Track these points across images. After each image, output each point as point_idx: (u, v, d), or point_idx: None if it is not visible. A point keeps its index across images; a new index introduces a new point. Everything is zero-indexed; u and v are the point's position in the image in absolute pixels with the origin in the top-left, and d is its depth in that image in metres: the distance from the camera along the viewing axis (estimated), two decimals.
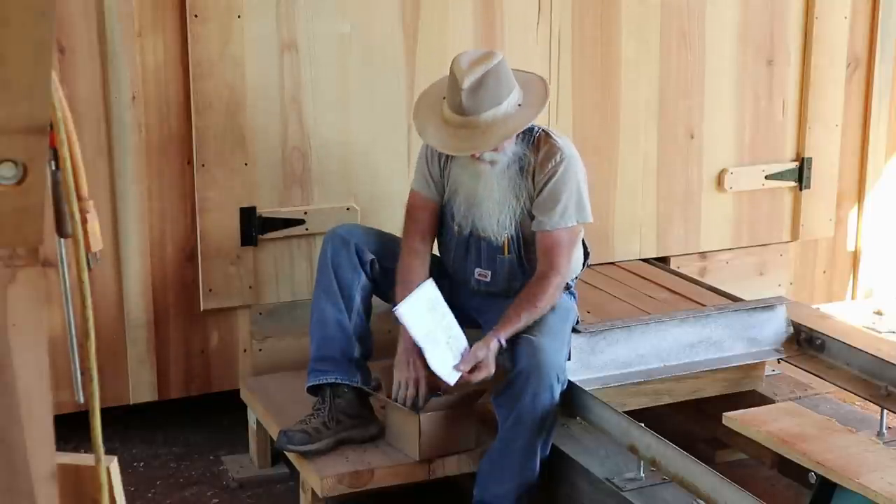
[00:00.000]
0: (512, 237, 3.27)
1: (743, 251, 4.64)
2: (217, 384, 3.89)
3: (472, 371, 3.08)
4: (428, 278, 3.22)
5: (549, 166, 3.21)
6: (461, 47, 3.93)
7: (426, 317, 3.11)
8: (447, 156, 3.31)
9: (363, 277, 3.30)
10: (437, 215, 3.38)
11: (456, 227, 3.34)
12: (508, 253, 3.29)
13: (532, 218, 3.25)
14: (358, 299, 3.29)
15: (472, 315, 3.44)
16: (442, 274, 3.39)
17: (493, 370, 3.10)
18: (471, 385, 3.11)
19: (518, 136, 3.21)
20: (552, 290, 3.19)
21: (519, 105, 3.15)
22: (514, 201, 3.24)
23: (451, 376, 3.07)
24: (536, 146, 3.24)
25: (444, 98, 3.18)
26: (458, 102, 3.09)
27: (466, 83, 3.05)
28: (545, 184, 3.21)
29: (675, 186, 4.44)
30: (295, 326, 3.87)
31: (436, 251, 3.47)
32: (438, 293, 3.17)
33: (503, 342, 3.10)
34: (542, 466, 3.12)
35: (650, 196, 4.40)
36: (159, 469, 3.74)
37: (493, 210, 3.24)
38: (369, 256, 3.31)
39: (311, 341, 3.32)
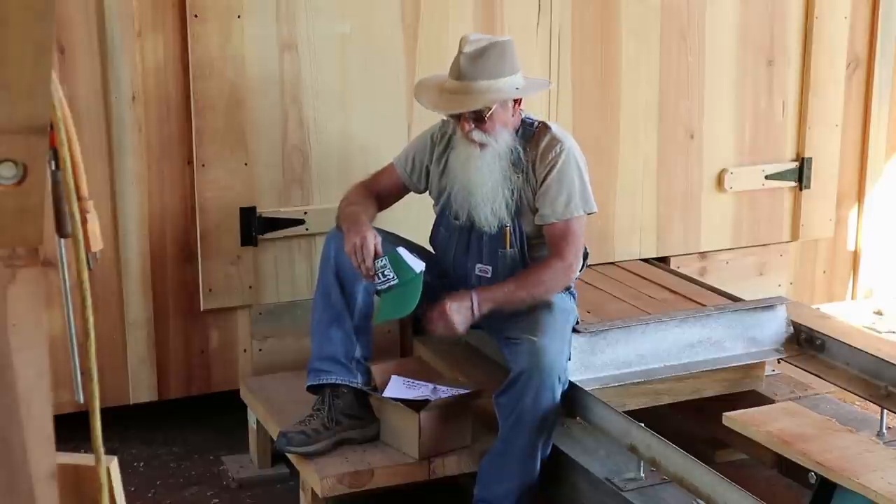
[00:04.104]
0: (513, 231, 3.27)
1: (743, 251, 4.64)
2: (217, 384, 3.89)
3: (434, 320, 3.10)
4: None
5: (550, 157, 3.23)
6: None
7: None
8: (443, 148, 3.35)
9: None
10: (397, 194, 3.46)
11: (454, 216, 3.34)
12: (510, 247, 3.29)
13: (535, 212, 3.26)
14: (360, 298, 3.28)
15: None
16: (441, 273, 3.40)
17: (458, 328, 3.09)
18: (443, 331, 3.10)
19: (516, 129, 3.25)
20: (550, 274, 3.18)
21: (517, 89, 3.20)
22: (507, 192, 3.24)
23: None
24: (536, 140, 3.26)
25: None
26: (457, 67, 3.16)
27: (468, 48, 3.14)
28: (547, 175, 3.22)
29: (675, 186, 4.44)
30: (295, 326, 3.88)
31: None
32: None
33: (476, 301, 3.10)
34: (542, 466, 3.13)
35: (650, 196, 4.40)
36: (159, 469, 3.74)
37: (486, 197, 3.24)
38: None
39: (311, 339, 3.32)
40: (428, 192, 3.46)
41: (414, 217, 3.63)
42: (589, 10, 4.16)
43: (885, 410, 3.28)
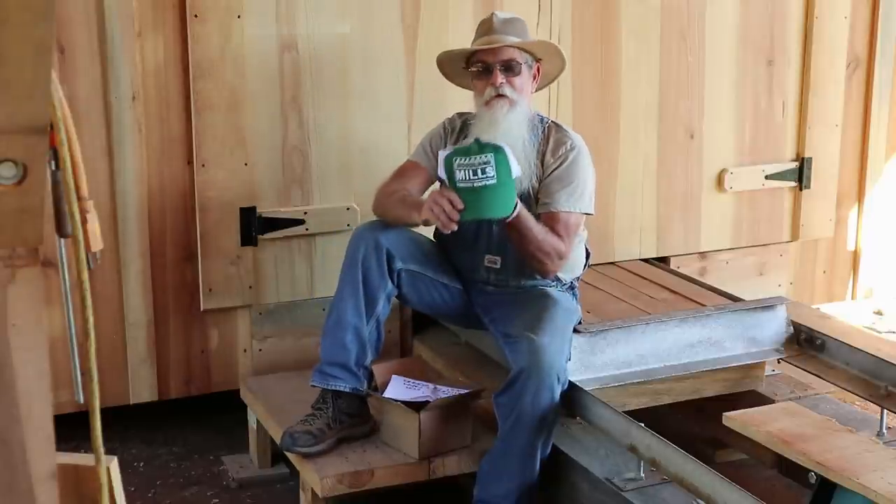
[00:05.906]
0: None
1: (743, 251, 4.64)
2: (217, 384, 3.89)
3: None
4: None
5: (561, 152, 3.29)
6: (461, 46, 3.94)
7: None
8: (456, 139, 3.36)
9: (389, 285, 3.25)
10: (425, 185, 3.40)
11: None
12: None
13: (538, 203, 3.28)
14: (380, 305, 3.25)
15: (477, 313, 3.44)
16: (448, 266, 3.40)
17: None
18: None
19: (529, 119, 3.31)
20: (554, 252, 3.20)
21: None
22: (532, 154, 3.27)
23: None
24: (547, 134, 3.32)
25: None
26: (488, 26, 3.32)
27: (500, 14, 3.34)
28: (556, 167, 3.27)
29: (675, 186, 4.44)
30: (295, 326, 3.88)
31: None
32: None
33: (516, 212, 3.06)
34: (542, 466, 3.12)
35: (650, 196, 4.40)
36: (159, 469, 3.74)
37: (517, 155, 3.18)
38: (399, 265, 3.25)
39: (323, 336, 3.27)
40: (437, 182, 3.44)
41: None
42: (589, 10, 4.16)
43: (885, 410, 3.28)
